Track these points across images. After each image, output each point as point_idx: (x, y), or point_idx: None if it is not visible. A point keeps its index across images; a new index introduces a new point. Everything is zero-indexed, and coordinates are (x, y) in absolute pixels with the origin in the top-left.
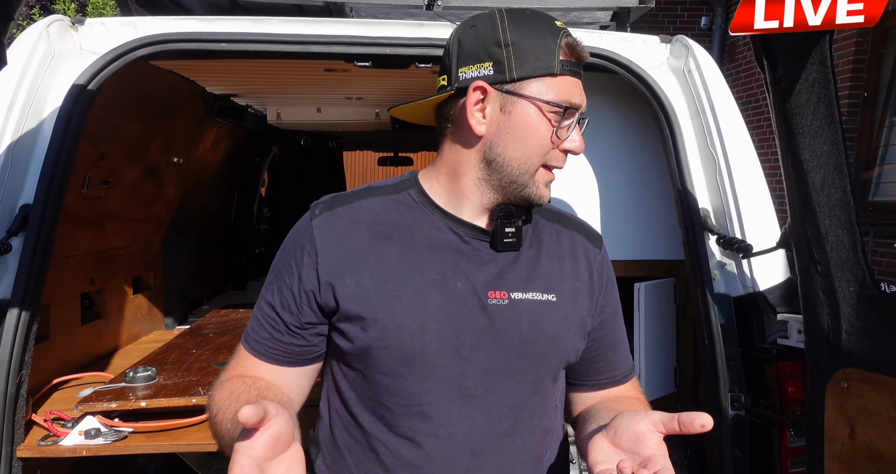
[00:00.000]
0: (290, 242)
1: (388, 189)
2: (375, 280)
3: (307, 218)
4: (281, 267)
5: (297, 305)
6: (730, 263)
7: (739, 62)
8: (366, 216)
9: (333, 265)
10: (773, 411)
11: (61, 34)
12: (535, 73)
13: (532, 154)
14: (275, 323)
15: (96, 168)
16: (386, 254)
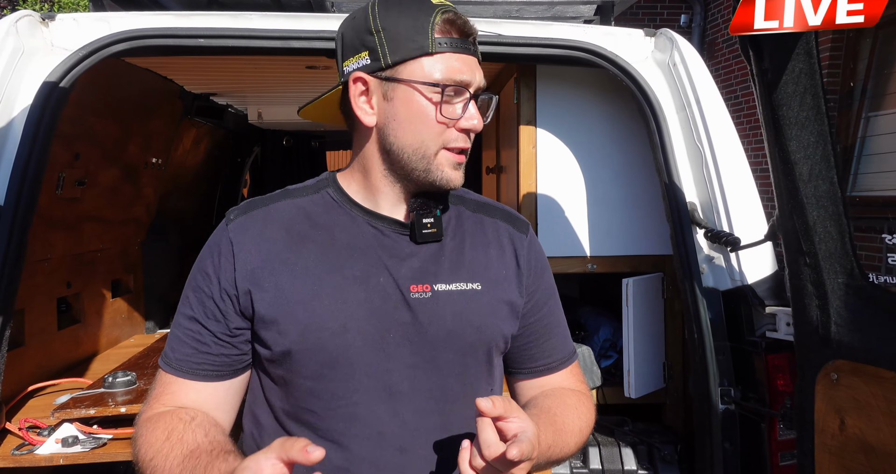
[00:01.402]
0: (206, 250)
1: (306, 190)
2: (294, 281)
3: (223, 224)
4: (198, 277)
5: (222, 312)
6: (718, 257)
7: (718, 59)
8: (282, 218)
9: (250, 269)
10: (762, 404)
11: (31, 30)
12: (409, 56)
13: (424, 137)
14: (199, 335)
15: (71, 168)
16: (304, 255)
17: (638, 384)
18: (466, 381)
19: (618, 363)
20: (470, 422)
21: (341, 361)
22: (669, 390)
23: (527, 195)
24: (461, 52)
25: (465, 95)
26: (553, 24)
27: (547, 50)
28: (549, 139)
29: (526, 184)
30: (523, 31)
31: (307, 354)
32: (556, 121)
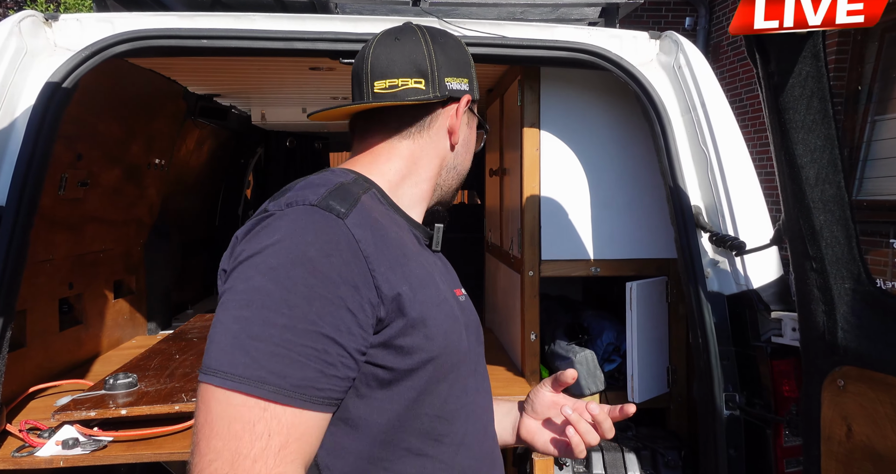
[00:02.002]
0: (321, 248)
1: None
2: (423, 284)
3: (328, 217)
4: (315, 281)
5: (359, 324)
6: (722, 261)
7: (723, 62)
8: (378, 217)
9: (385, 270)
10: (767, 410)
11: (34, 30)
12: (476, 97)
13: (467, 162)
14: (326, 355)
15: (73, 169)
16: (412, 257)
17: (641, 388)
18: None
19: (621, 367)
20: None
21: (465, 362)
22: (673, 395)
23: (530, 198)
24: None
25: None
26: (557, 26)
27: (551, 52)
28: (553, 141)
29: (529, 186)
30: (527, 33)
31: (446, 358)
32: (560, 123)
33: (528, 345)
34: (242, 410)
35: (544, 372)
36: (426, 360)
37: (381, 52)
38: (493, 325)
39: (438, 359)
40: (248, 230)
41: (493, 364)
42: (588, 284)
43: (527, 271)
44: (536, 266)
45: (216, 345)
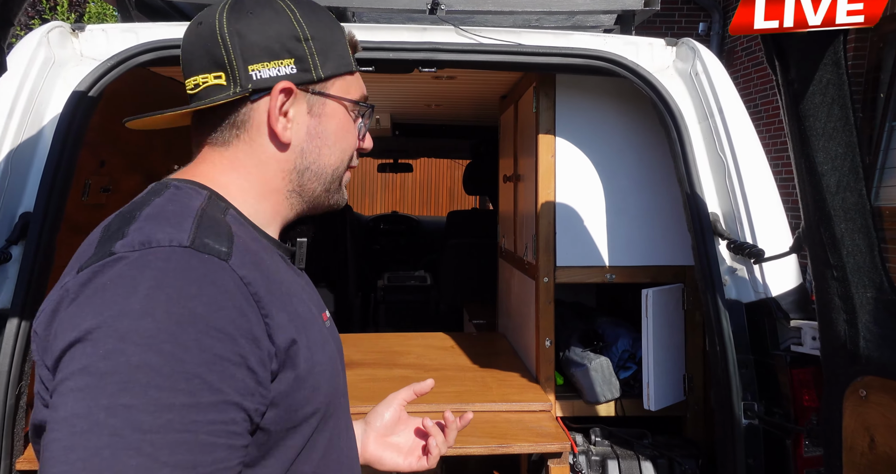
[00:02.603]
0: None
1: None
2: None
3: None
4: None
5: (258, 382)
6: (741, 269)
7: (737, 68)
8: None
9: (277, 314)
10: (787, 420)
11: (62, 41)
12: (339, 71)
13: (344, 158)
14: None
15: (97, 175)
16: (292, 292)
17: (658, 396)
18: None
19: (637, 374)
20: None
21: (338, 402)
22: (690, 403)
23: (545, 204)
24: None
25: (368, 118)
26: (573, 33)
27: (567, 59)
28: (568, 148)
29: (544, 193)
30: (543, 41)
31: (330, 404)
32: (575, 130)
33: (543, 352)
34: None
35: (559, 378)
36: (311, 414)
37: (184, 45)
38: (507, 331)
39: (322, 410)
40: (85, 282)
41: (507, 370)
42: (602, 291)
43: (541, 277)
44: (551, 272)
45: (80, 457)
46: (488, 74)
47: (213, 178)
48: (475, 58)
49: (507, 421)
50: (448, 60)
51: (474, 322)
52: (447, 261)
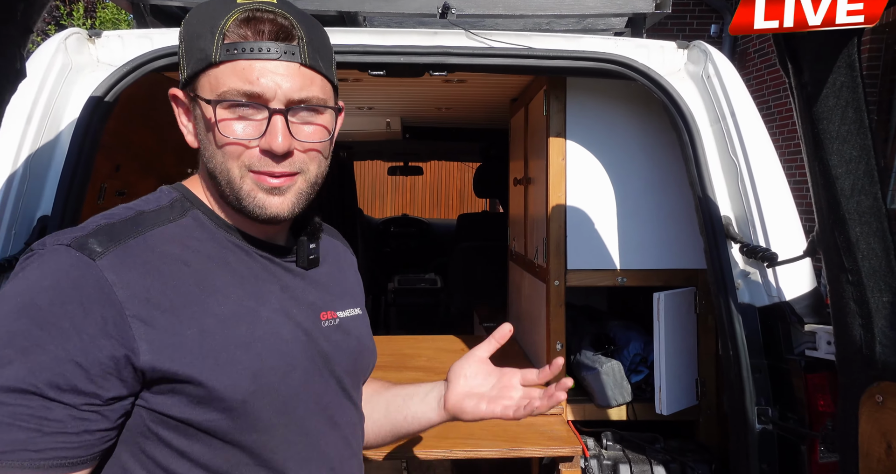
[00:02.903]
0: (51, 296)
1: (167, 212)
2: (224, 324)
3: (79, 259)
4: (38, 334)
5: (88, 379)
6: (754, 272)
7: (750, 70)
8: (170, 249)
9: (157, 315)
10: (802, 425)
11: (79, 47)
12: (197, 68)
13: (224, 160)
14: (45, 412)
15: (112, 179)
16: (221, 291)
17: (670, 400)
18: (359, 403)
19: (648, 378)
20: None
21: (293, 402)
22: (703, 407)
23: (556, 207)
24: (257, 59)
25: (260, 109)
26: (584, 36)
27: (578, 62)
28: (579, 151)
29: (555, 195)
30: (554, 44)
31: (260, 403)
32: (586, 132)
33: (554, 355)
34: None
35: None
36: (230, 408)
37: None
38: (518, 334)
39: (250, 406)
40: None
41: None
42: (613, 294)
43: (552, 280)
44: (562, 275)
45: None
46: (499, 78)
47: (192, 180)
48: (486, 61)
49: (517, 425)
50: (458, 64)
51: (485, 325)
52: (457, 264)
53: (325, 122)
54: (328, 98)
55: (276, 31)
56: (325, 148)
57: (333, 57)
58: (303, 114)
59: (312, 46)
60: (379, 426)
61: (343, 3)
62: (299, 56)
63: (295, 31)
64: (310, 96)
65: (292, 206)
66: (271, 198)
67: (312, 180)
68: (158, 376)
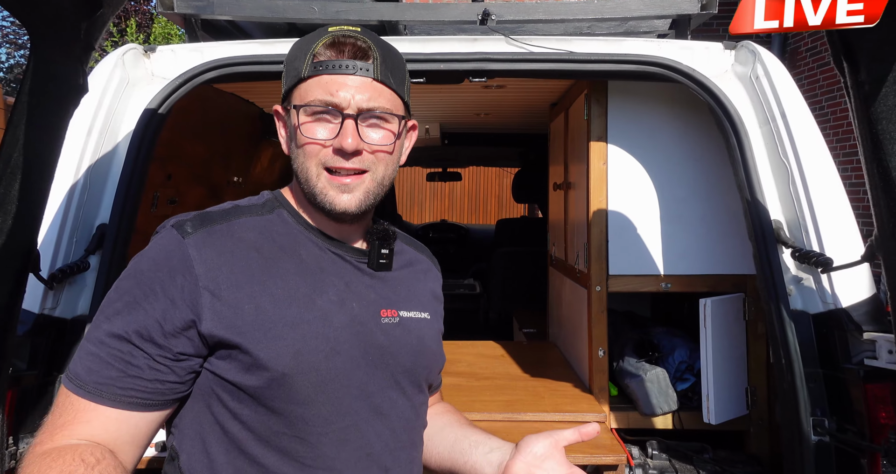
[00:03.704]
0: (150, 263)
1: (257, 209)
2: (278, 304)
3: (173, 237)
4: (136, 292)
5: (164, 334)
6: (807, 278)
7: (801, 69)
8: (249, 236)
9: (224, 289)
10: (861, 438)
11: (135, 62)
12: (291, 84)
13: (304, 160)
14: (131, 357)
15: (164, 188)
16: (282, 278)
17: (718, 409)
18: (421, 401)
19: (695, 387)
20: (421, 440)
21: (334, 384)
22: (753, 417)
23: (597, 212)
24: (338, 73)
25: (336, 115)
26: (626, 39)
27: (620, 66)
28: (620, 155)
29: (596, 200)
30: (595, 48)
31: (301, 378)
32: (628, 136)
33: (596, 362)
34: (59, 400)
35: (613, 389)
36: (272, 379)
37: None
38: (558, 340)
39: (291, 379)
40: None
41: (559, 380)
42: (657, 300)
43: (594, 286)
44: (604, 281)
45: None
46: (538, 83)
47: (288, 187)
48: (526, 66)
49: None
50: (498, 70)
51: (524, 331)
52: (496, 270)
53: (392, 129)
54: (396, 109)
55: (355, 52)
56: (392, 151)
57: (407, 78)
58: (372, 120)
59: (386, 66)
60: (442, 459)
61: (384, 13)
62: (373, 72)
63: (371, 52)
64: (378, 105)
65: (360, 203)
66: (341, 195)
67: (380, 180)
68: (216, 342)
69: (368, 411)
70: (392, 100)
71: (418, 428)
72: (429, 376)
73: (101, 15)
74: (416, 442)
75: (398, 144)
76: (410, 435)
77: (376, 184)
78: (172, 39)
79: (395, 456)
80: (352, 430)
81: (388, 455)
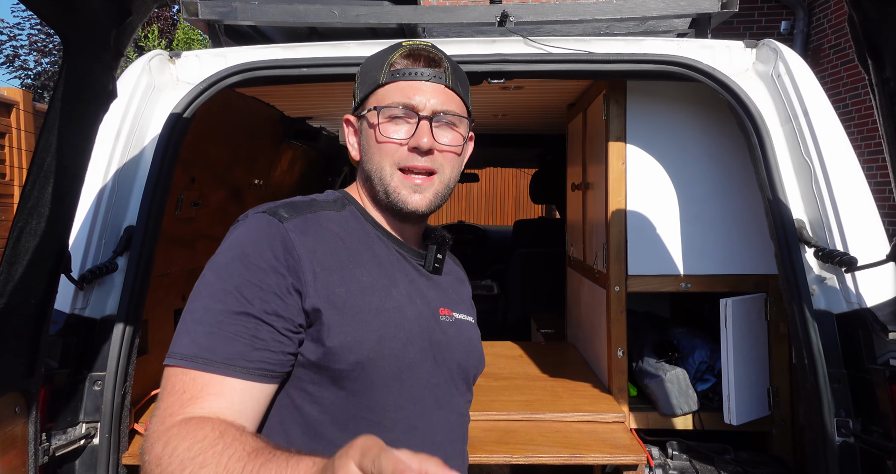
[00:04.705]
0: (257, 245)
1: (331, 204)
2: (363, 291)
3: (272, 221)
4: (246, 273)
5: (287, 307)
6: (830, 277)
7: (825, 66)
8: (334, 227)
9: (319, 271)
10: (888, 439)
11: (161, 67)
12: (368, 91)
13: (381, 160)
14: (255, 331)
15: (188, 191)
16: (363, 267)
17: (740, 410)
18: (467, 399)
19: (716, 387)
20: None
21: (408, 372)
22: (776, 418)
23: (616, 212)
24: (414, 80)
25: (413, 116)
26: (645, 39)
27: (639, 66)
28: (639, 155)
29: (615, 200)
30: (614, 48)
31: (382, 363)
32: (646, 136)
33: (615, 362)
34: (177, 380)
35: (632, 389)
36: (357, 362)
37: None
38: (577, 341)
39: (373, 364)
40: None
41: (578, 380)
42: (676, 301)
43: (612, 286)
44: (623, 281)
45: (175, 333)
46: (556, 83)
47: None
48: (544, 67)
49: (578, 432)
50: (517, 71)
51: (542, 331)
52: (514, 271)
53: (461, 132)
54: (464, 114)
55: (429, 61)
56: (459, 153)
57: (469, 91)
58: (443, 122)
59: (455, 76)
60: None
61: (403, 16)
62: (444, 80)
63: (443, 63)
64: (450, 109)
65: (429, 203)
66: (413, 195)
67: (447, 181)
68: (315, 319)
69: (433, 402)
70: (460, 107)
71: (467, 424)
72: (476, 375)
73: (129, 22)
74: (465, 438)
75: (464, 148)
76: (463, 430)
77: (444, 187)
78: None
79: (453, 447)
80: (420, 418)
81: (448, 445)
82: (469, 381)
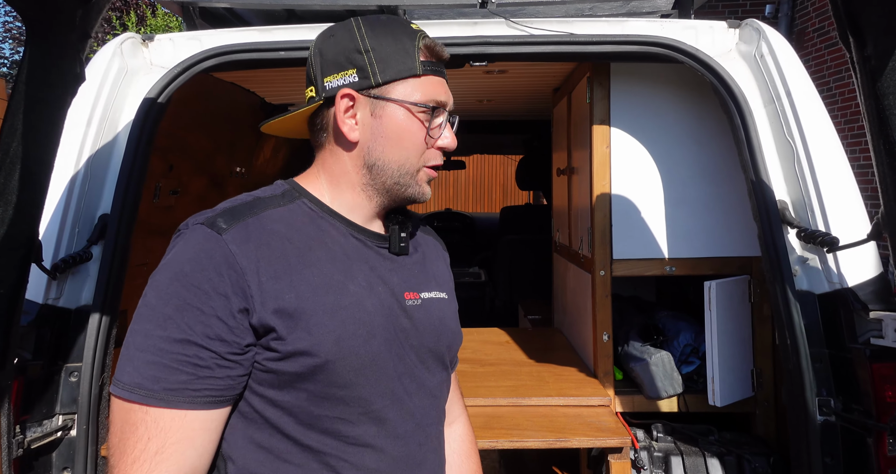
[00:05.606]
0: (193, 265)
1: (277, 200)
2: (315, 292)
3: (210, 235)
4: (187, 295)
5: (231, 330)
6: (812, 258)
7: (809, 50)
8: (279, 228)
9: (265, 281)
10: (868, 417)
11: (133, 51)
12: (399, 76)
13: (409, 155)
14: (197, 359)
15: (166, 179)
16: (315, 266)
17: (724, 392)
18: (444, 379)
19: (700, 369)
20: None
21: (371, 367)
22: (759, 399)
23: (600, 196)
24: (439, 76)
25: (444, 116)
26: (628, 20)
27: (622, 47)
28: (623, 138)
29: (599, 185)
30: (597, 29)
31: (342, 363)
32: (631, 119)
33: (601, 346)
34: (128, 414)
35: (618, 373)
36: (315, 365)
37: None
38: (563, 326)
39: (332, 365)
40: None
41: (564, 365)
42: (662, 285)
43: (598, 271)
44: (608, 265)
45: (120, 358)
46: (540, 67)
47: (304, 175)
48: (527, 49)
49: (564, 416)
50: (499, 53)
51: (530, 318)
52: (501, 258)
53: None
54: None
55: (444, 54)
56: None
57: None
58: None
59: None
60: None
61: None
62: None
63: (447, 54)
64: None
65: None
66: (428, 187)
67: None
68: (264, 332)
69: (402, 392)
70: None
71: (443, 404)
72: (450, 354)
73: (96, 2)
74: (441, 419)
75: None
76: (437, 412)
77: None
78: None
79: (426, 432)
80: (389, 410)
81: (420, 432)
82: (444, 361)
